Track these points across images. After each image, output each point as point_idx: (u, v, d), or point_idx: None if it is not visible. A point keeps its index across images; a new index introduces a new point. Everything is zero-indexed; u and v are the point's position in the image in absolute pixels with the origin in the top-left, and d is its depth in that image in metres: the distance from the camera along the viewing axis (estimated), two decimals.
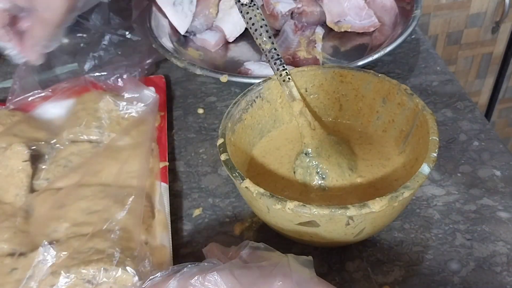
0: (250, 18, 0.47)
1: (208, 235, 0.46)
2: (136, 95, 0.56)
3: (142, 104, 0.55)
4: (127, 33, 0.71)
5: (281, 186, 0.44)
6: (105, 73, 0.58)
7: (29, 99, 0.57)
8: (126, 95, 0.56)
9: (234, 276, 0.30)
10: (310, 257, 0.33)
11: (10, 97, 0.56)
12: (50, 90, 0.57)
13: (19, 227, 0.43)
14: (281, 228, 0.39)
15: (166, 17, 0.70)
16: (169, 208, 0.46)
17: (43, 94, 0.57)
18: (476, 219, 0.45)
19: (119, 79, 0.58)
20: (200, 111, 0.60)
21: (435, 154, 0.38)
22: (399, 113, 0.45)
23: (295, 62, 0.63)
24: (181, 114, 0.60)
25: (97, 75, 0.58)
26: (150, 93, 0.57)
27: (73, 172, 0.47)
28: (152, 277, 0.33)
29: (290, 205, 0.35)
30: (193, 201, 0.49)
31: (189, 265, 0.32)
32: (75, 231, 0.42)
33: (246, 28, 0.66)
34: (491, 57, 1.34)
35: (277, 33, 0.69)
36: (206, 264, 0.32)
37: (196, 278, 0.30)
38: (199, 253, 0.41)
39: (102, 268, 0.38)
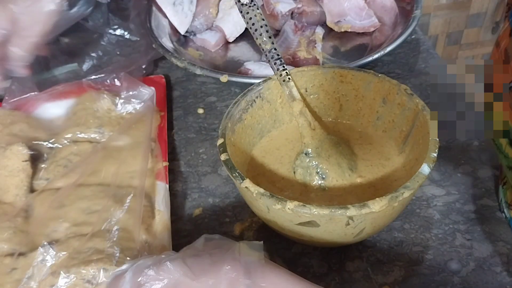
0: (250, 18, 0.47)
1: None
2: (133, 93, 0.56)
3: (139, 101, 0.55)
4: (126, 33, 0.71)
5: (281, 186, 0.44)
6: (103, 75, 0.58)
7: (26, 100, 0.56)
8: (124, 94, 0.56)
9: (186, 264, 0.31)
10: (261, 242, 0.34)
11: (7, 97, 0.56)
12: (47, 93, 0.57)
13: (19, 227, 0.43)
14: (281, 228, 0.39)
15: (166, 17, 0.70)
16: (169, 208, 0.46)
17: (40, 97, 0.57)
18: (476, 219, 0.45)
19: (115, 79, 0.58)
20: (200, 111, 0.60)
21: (435, 154, 0.38)
22: (399, 113, 0.45)
23: (295, 62, 0.63)
24: (181, 114, 0.60)
25: (94, 78, 0.58)
26: (146, 89, 0.57)
27: (72, 172, 0.47)
28: (114, 271, 0.35)
29: (290, 205, 0.35)
30: (193, 201, 0.49)
31: (145, 257, 0.33)
32: (75, 231, 0.42)
33: (246, 28, 0.66)
34: None
35: (277, 33, 0.69)
36: (163, 256, 0.33)
37: (150, 267, 0.31)
38: None
39: (102, 268, 0.38)
